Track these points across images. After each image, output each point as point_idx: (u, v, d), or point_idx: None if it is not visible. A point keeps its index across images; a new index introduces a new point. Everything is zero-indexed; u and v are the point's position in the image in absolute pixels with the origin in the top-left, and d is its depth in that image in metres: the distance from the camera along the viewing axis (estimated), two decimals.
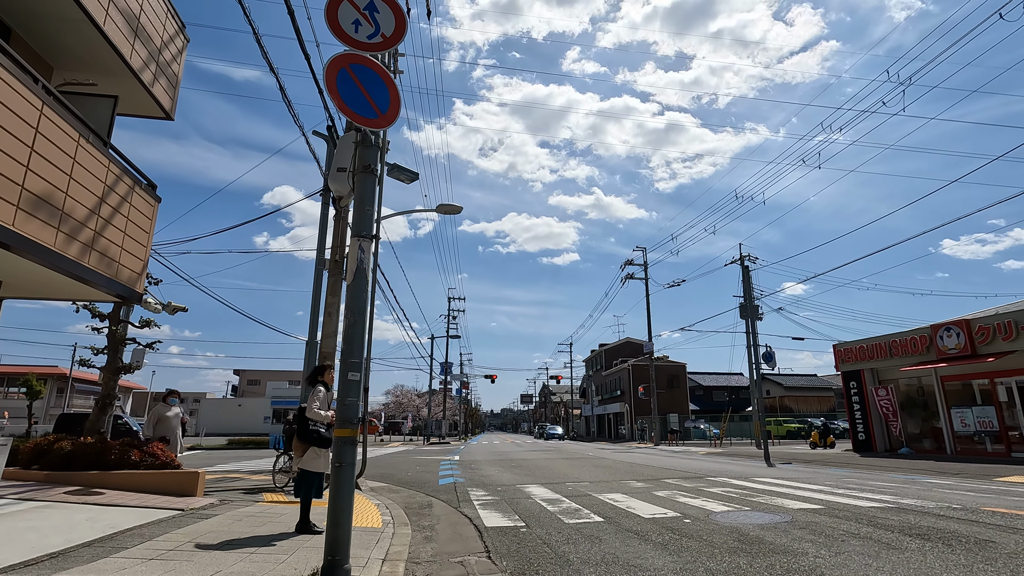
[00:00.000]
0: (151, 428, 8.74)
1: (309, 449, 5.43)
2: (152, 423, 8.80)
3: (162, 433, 8.73)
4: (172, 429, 8.88)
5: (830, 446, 23.26)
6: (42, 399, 37.34)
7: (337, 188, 4.53)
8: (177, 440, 8.96)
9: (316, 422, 5.41)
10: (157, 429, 8.75)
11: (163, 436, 8.70)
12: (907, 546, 4.76)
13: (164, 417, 8.88)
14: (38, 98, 5.87)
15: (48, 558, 4.18)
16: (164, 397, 9.22)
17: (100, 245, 7.03)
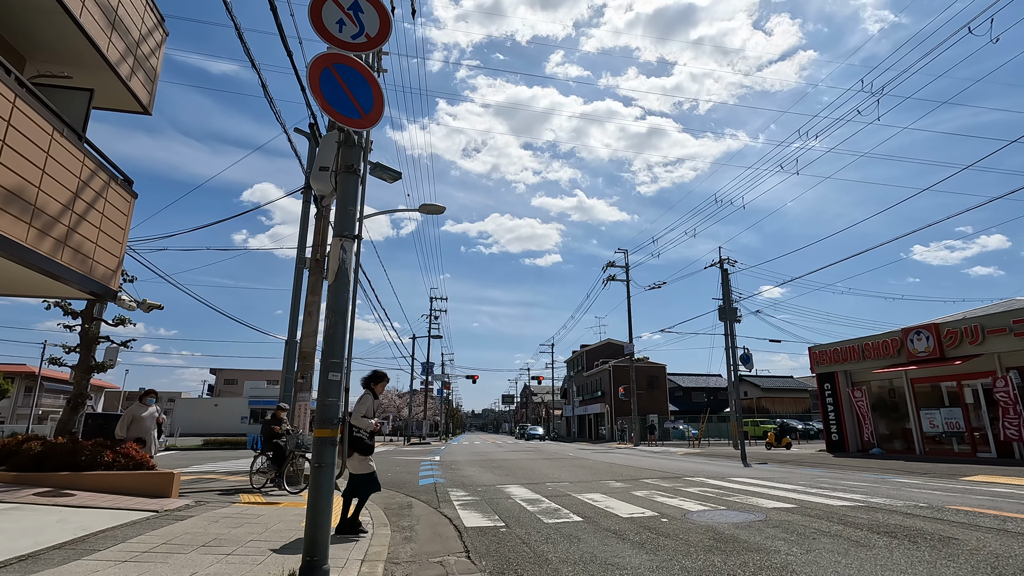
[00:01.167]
0: (125, 428, 8.54)
1: (355, 454, 5.59)
2: (126, 423, 8.60)
3: (136, 434, 8.56)
4: (147, 430, 8.72)
5: (786, 447, 23.69)
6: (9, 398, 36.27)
7: (319, 187, 4.51)
8: (152, 441, 8.79)
9: (360, 429, 5.62)
10: (131, 429, 8.57)
11: (138, 436, 8.53)
12: (875, 543, 4.91)
13: (139, 417, 8.71)
14: (10, 90, 5.73)
15: (16, 561, 4.09)
16: (140, 397, 9.03)
17: (74, 241, 6.88)
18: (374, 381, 5.92)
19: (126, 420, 8.67)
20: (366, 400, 5.77)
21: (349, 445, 5.57)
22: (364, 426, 5.63)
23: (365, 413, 5.68)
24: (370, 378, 5.95)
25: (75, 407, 10.38)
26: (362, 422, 5.62)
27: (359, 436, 5.61)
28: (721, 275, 22.78)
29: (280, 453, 8.92)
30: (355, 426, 5.62)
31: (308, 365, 10.38)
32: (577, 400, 63.06)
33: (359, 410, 5.69)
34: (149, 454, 8.44)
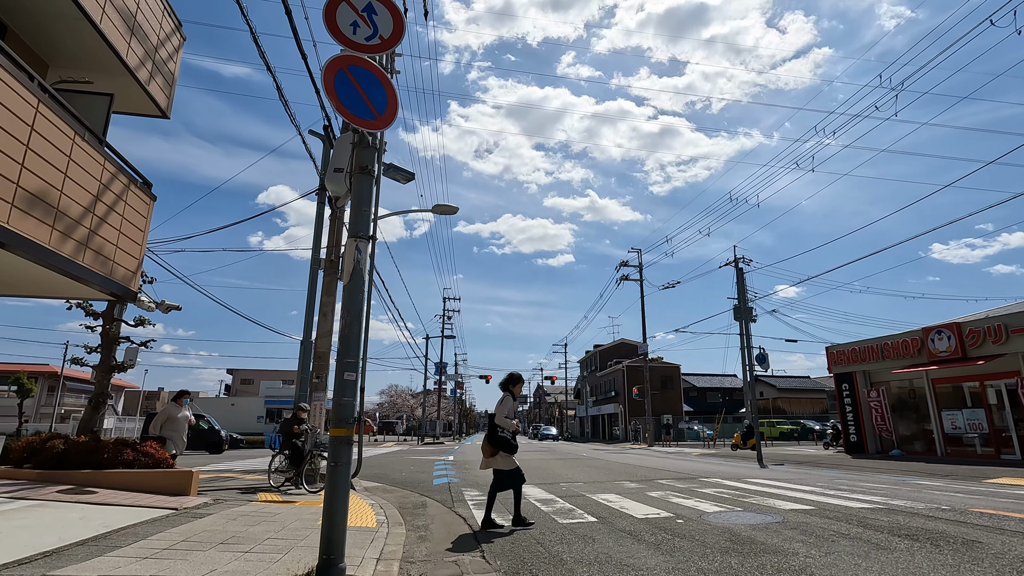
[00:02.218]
0: (159, 427, 8.75)
1: (499, 453, 5.93)
2: (160, 422, 8.79)
3: (170, 433, 8.73)
4: (180, 429, 8.90)
5: (752, 448, 23.39)
6: (33, 397, 37.06)
7: (334, 189, 4.54)
8: (183, 441, 8.95)
9: (504, 429, 5.96)
10: (165, 428, 8.76)
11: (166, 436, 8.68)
12: (896, 546, 4.82)
13: (173, 417, 8.88)
14: (34, 95, 5.86)
15: (41, 557, 4.17)
16: (175, 397, 9.20)
17: (95, 243, 7.01)
18: (511, 383, 6.23)
19: (160, 419, 8.86)
20: (507, 401, 6.09)
21: (494, 444, 5.94)
22: (507, 426, 5.97)
23: (507, 414, 5.99)
24: (508, 381, 6.25)
25: (96, 406, 10.58)
26: (505, 423, 5.95)
27: (503, 436, 5.95)
28: (736, 274, 22.57)
29: (299, 452, 9.00)
30: (499, 426, 5.96)
31: (323, 365, 10.46)
32: (590, 400, 62.87)
33: (501, 411, 6.01)
34: (181, 453, 8.67)
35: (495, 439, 5.95)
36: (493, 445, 5.96)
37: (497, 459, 5.97)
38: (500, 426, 5.97)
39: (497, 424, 5.97)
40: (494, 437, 5.96)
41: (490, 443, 5.98)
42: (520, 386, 6.29)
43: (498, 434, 5.95)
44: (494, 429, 5.99)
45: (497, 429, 5.97)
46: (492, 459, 6.00)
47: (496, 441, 5.94)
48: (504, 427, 5.97)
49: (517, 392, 6.21)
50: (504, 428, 5.98)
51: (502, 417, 5.98)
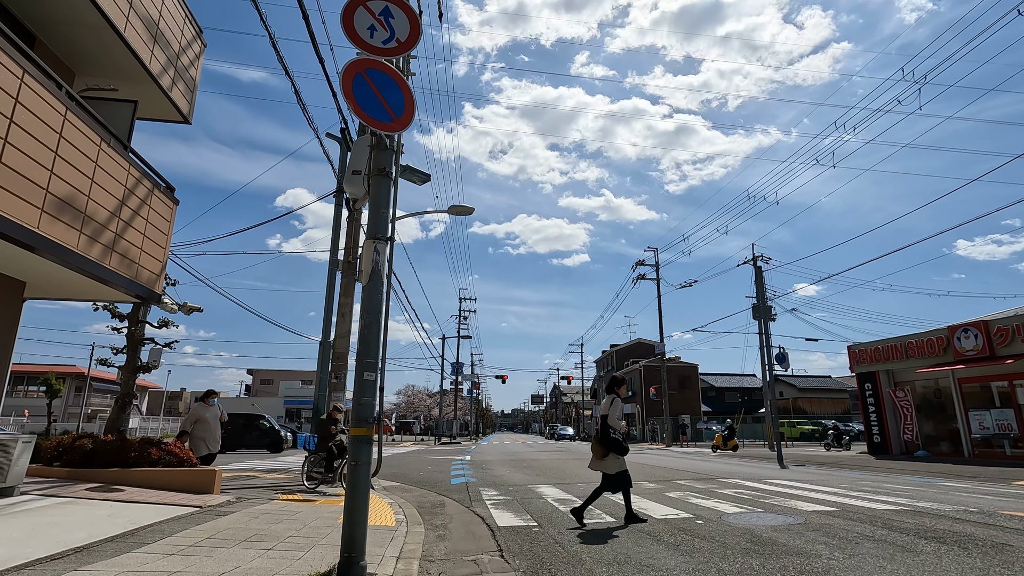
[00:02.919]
0: (190, 427, 8.86)
1: (610, 454, 6.06)
2: (191, 422, 8.90)
3: (201, 432, 8.84)
4: (211, 428, 9.00)
5: (732, 449, 23.07)
6: (61, 398, 38.01)
7: (352, 191, 4.60)
8: (216, 440, 9.05)
9: (615, 430, 6.08)
10: (196, 428, 8.86)
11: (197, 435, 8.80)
12: (923, 549, 4.73)
13: (203, 417, 8.97)
14: (61, 103, 6.02)
15: (73, 552, 4.29)
16: (203, 396, 9.30)
17: (120, 247, 7.18)
18: (616, 385, 6.41)
19: (191, 419, 8.95)
20: (617, 403, 6.21)
21: (606, 445, 6.06)
22: (619, 428, 6.09)
23: (619, 416, 6.12)
24: (612, 383, 6.43)
25: (123, 406, 10.81)
26: (618, 424, 6.08)
27: (616, 438, 6.06)
28: (755, 273, 22.30)
29: (334, 453, 9.09)
30: (611, 427, 6.08)
31: (342, 365, 10.57)
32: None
33: (614, 413, 6.13)
34: (215, 451, 8.82)
35: (608, 440, 6.06)
36: (605, 446, 6.07)
37: (608, 460, 6.09)
38: (612, 427, 6.07)
39: (610, 425, 6.08)
40: (607, 439, 6.07)
41: (602, 444, 6.10)
42: (624, 387, 6.43)
43: (611, 436, 6.06)
44: (607, 430, 6.08)
45: (610, 431, 6.07)
46: (603, 461, 6.11)
47: (609, 443, 6.06)
48: (616, 428, 6.08)
49: (622, 393, 6.36)
50: (616, 430, 6.09)
51: (615, 419, 6.09)
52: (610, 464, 6.08)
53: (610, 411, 6.14)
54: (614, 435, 6.07)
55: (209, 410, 9.11)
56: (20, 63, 5.41)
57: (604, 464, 6.12)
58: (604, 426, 6.13)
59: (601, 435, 6.13)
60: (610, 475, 6.12)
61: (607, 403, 6.22)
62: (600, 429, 6.18)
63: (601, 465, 6.15)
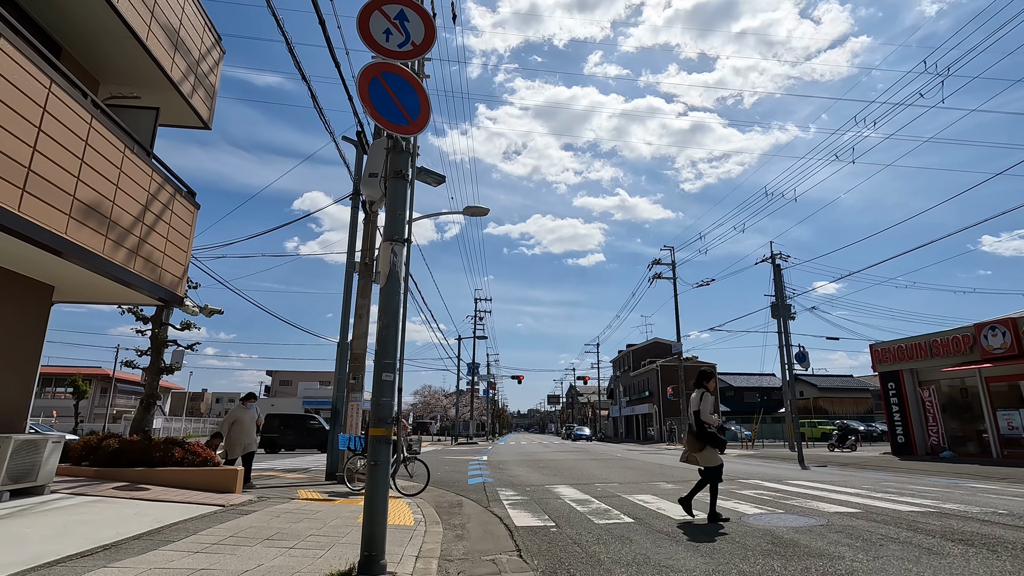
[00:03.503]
0: (227, 429, 9.00)
1: (706, 448, 6.17)
2: (228, 424, 9.03)
3: (238, 434, 8.97)
4: (248, 431, 9.11)
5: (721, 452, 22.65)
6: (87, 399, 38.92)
7: (369, 193, 4.65)
8: (252, 441, 9.15)
9: (709, 424, 6.18)
10: (233, 430, 8.99)
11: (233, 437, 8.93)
12: (950, 552, 4.63)
13: (240, 419, 9.09)
14: (87, 112, 6.17)
15: (102, 549, 4.39)
16: (243, 399, 9.43)
17: (144, 251, 7.33)
18: (705, 380, 6.50)
19: (228, 421, 9.09)
20: (708, 397, 6.25)
21: (702, 439, 6.16)
22: (712, 422, 6.18)
23: (711, 410, 6.23)
24: (701, 377, 6.50)
25: (147, 407, 11.04)
26: (711, 418, 6.17)
27: (712, 431, 6.17)
28: (773, 271, 22.01)
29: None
30: (705, 422, 6.16)
31: (359, 367, 10.66)
32: (624, 400, 62.24)
33: (706, 407, 6.18)
34: (253, 451, 8.96)
35: (704, 434, 6.16)
36: (701, 440, 6.17)
37: (705, 454, 6.19)
38: (706, 422, 6.16)
39: (703, 421, 6.16)
40: (703, 432, 6.16)
41: (697, 438, 6.19)
42: (713, 381, 6.48)
43: (706, 429, 6.16)
44: (701, 425, 6.17)
45: (704, 425, 6.16)
46: (699, 454, 6.20)
47: (705, 436, 6.16)
48: (710, 423, 6.17)
49: (711, 387, 6.39)
50: (710, 424, 6.18)
51: (707, 413, 6.17)
52: (707, 457, 6.20)
53: (701, 405, 6.21)
54: (709, 429, 6.18)
55: (247, 412, 9.22)
56: (47, 73, 5.56)
57: (701, 457, 6.22)
58: (698, 421, 6.21)
59: (697, 430, 6.21)
60: (708, 468, 6.22)
61: (697, 398, 6.29)
62: (695, 424, 6.25)
63: (697, 459, 6.25)
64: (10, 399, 6.79)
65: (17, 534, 4.73)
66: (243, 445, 9.02)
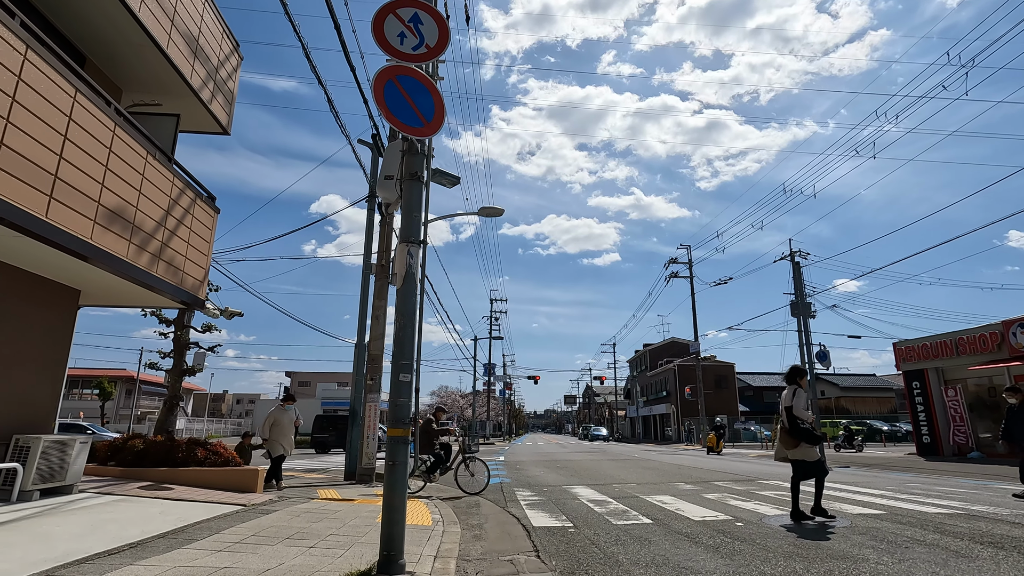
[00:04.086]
0: (267, 430, 9.02)
1: (801, 444, 6.16)
2: (268, 425, 9.06)
3: (277, 436, 9.00)
4: (285, 432, 9.13)
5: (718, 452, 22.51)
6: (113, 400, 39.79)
7: (385, 195, 4.68)
8: (290, 443, 9.18)
9: (803, 420, 6.19)
10: (272, 431, 9.01)
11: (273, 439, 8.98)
12: (979, 554, 4.52)
13: (279, 420, 9.11)
14: (111, 119, 6.31)
15: (128, 548, 4.49)
16: (281, 400, 9.50)
17: (167, 255, 7.48)
18: (798, 376, 6.51)
19: (267, 422, 9.12)
20: (800, 393, 6.29)
21: (797, 435, 6.15)
22: (806, 417, 6.19)
23: (804, 406, 6.27)
24: (794, 374, 6.50)
25: (171, 408, 11.26)
26: (804, 414, 6.19)
27: (806, 427, 6.17)
28: (792, 268, 21.71)
29: (442, 455, 9.28)
30: (799, 418, 6.16)
31: (376, 367, 10.75)
32: (641, 400, 61.82)
33: (799, 403, 6.21)
34: (289, 454, 9.00)
35: (797, 430, 6.14)
36: (795, 436, 6.15)
37: (800, 450, 6.17)
38: (800, 418, 6.16)
39: (796, 416, 6.16)
40: (796, 428, 6.15)
41: (791, 435, 6.17)
42: (805, 379, 6.50)
43: (800, 425, 6.15)
44: (794, 420, 6.16)
45: (797, 421, 6.15)
46: (794, 450, 6.18)
47: (799, 432, 6.14)
48: (804, 418, 6.17)
49: (803, 384, 6.40)
50: (804, 420, 6.17)
51: (800, 409, 6.17)
52: (803, 453, 6.17)
53: (794, 402, 6.21)
54: (803, 425, 6.16)
55: (285, 414, 9.22)
56: (73, 83, 5.70)
57: (796, 453, 6.19)
58: (791, 417, 6.20)
59: (790, 426, 6.19)
60: (804, 464, 6.23)
61: (789, 394, 6.29)
62: (787, 420, 6.23)
63: (791, 455, 6.22)
64: (39, 401, 6.98)
65: (47, 532, 4.85)
66: (282, 446, 9.02)
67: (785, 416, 6.29)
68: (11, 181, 4.92)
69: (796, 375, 6.44)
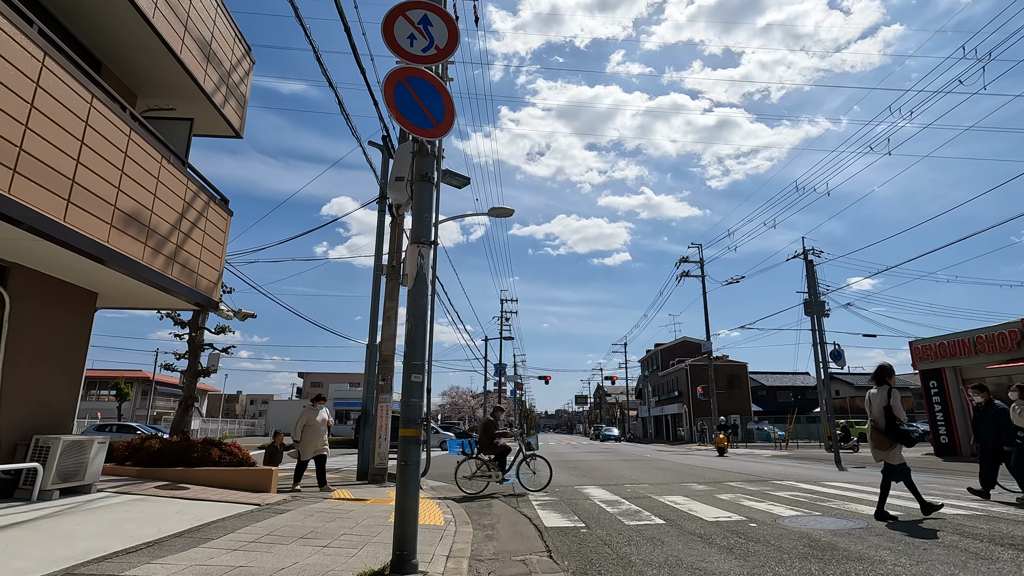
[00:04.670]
0: (299, 432, 8.90)
1: (896, 445, 6.18)
2: (300, 427, 8.94)
3: (309, 437, 8.88)
4: (319, 433, 9.01)
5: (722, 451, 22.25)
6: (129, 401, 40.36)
7: (396, 197, 4.71)
8: (324, 443, 9.07)
9: (902, 421, 6.19)
10: (305, 433, 8.91)
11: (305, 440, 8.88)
12: (999, 556, 4.45)
13: (312, 422, 8.99)
14: (126, 124, 6.40)
15: (145, 546, 4.55)
16: (312, 401, 9.38)
17: (181, 257, 7.57)
18: (887, 375, 6.42)
19: (299, 424, 8.99)
20: (895, 393, 6.24)
21: (895, 436, 6.14)
22: (902, 417, 6.17)
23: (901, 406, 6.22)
24: (883, 373, 6.44)
25: (186, 408, 11.40)
26: (901, 414, 6.16)
27: (905, 429, 6.21)
28: (806, 267, 21.48)
29: (504, 453, 9.32)
30: (898, 419, 6.14)
31: (388, 368, 10.80)
32: (653, 400, 61.52)
33: (895, 403, 6.17)
34: (325, 454, 8.93)
35: (896, 432, 6.12)
36: (893, 437, 6.13)
37: (895, 451, 6.15)
38: (899, 419, 6.13)
39: (897, 417, 6.13)
40: (895, 430, 6.12)
41: (889, 435, 6.14)
42: (894, 377, 6.43)
43: (899, 427, 6.13)
44: (893, 421, 6.13)
45: (896, 421, 6.13)
46: (890, 451, 6.16)
47: (897, 433, 6.13)
48: (903, 419, 6.16)
49: (893, 383, 6.35)
50: (902, 420, 6.15)
51: (899, 409, 6.13)
52: (894, 455, 6.14)
53: (891, 402, 6.14)
54: (902, 426, 6.13)
55: (316, 414, 9.11)
56: (89, 89, 5.79)
57: (890, 455, 6.15)
58: (890, 417, 6.14)
59: (888, 427, 6.15)
60: (893, 466, 6.20)
61: (884, 394, 6.22)
62: (885, 421, 6.17)
63: (887, 456, 6.18)
64: (58, 402, 7.09)
65: (67, 531, 4.93)
66: (315, 447, 8.93)
67: (883, 417, 6.19)
68: (30, 186, 5.01)
69: (885, 374, 6.32)
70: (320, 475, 8.90)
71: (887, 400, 6.14)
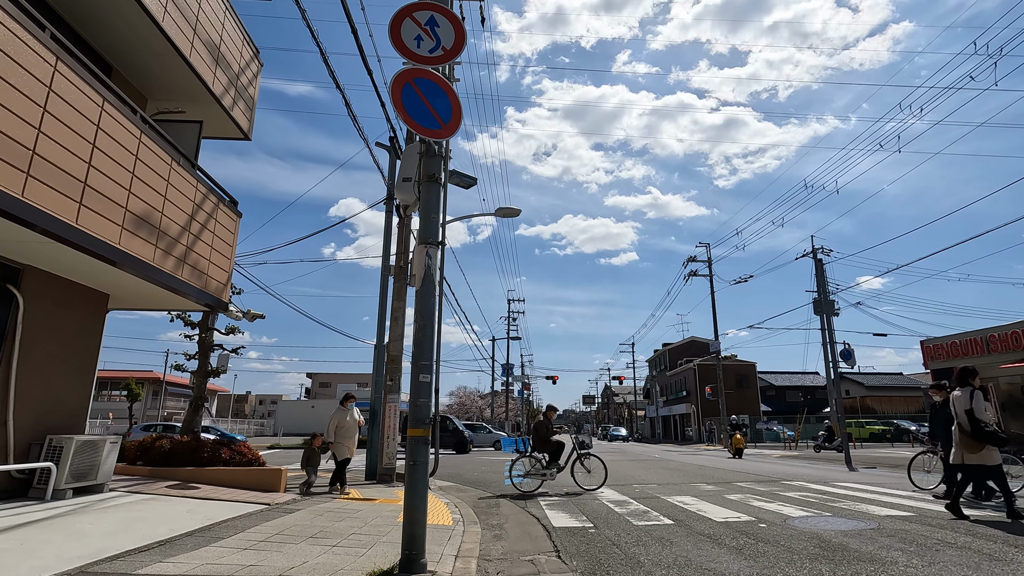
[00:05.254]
0: (332, 433, 8.82)
1: (986, 447, 6.11)
2: (333, 427, 8.85)
3: (342, 437, 8.80)
4: (351, 433, 8.93)
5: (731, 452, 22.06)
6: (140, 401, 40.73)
7: (403, 197, 4.72)
8: (355, 443, 9.00)
9: (986, 423, 6.16)
10: (338, 434, 8.82)
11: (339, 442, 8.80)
12: (1014, 558, 4.40)
13: (343, 422, 8.90)
14: (137, 127, 6.47)
15: (157, 545, 4.60)
16: (342, 401, 9.24)
17: (191, 259, 7.63)
18: (970, 376, 6.41)
19: (332, 425, 8.88)
20: (979, 395, 6.23)
21: (983, 438, 6.09)
22: (987, 419, 6.14)
23: (984, 407, 6.20)
24: (965, 374, 6.44)
25: (196, 409, 11.48)
26: (985, 416, 6.13)
27: (991, 430, 6.11)
28: (815, 266, 21.32)
29: (558, 451, 9.35)
30: (981, 421, 6.11)
31: (396, 368, 10.84)
32: (660, 400, 61.31)
33: (979, 406, 6.17)
34: (351, 456, 8.85)
35: (983, 433, 6.07)
36: (981, 439, 6.08)
37: (984, 453, 6.09)
38: (983, 421, 6.11)
39: (979, 419, 6.11)
40: (981, 432, 6.08)
41: (976, 438, 6.10)
42: (978, 378, 6.40)
43: (984, 429, 6.08)
44: (977, 424, 6.10)
45: (981, 424, 6.09)
46: (981, 453, 6.10)
47: (985, 435, 6.06)
48: (986, 421, 6.12)
49: (976, 384, 6.31)
50: (987, 422, 6.12)
51: (982, 411, 6.12)
52: (986, 456, 6.09)
53: (974, 404, 6.13)
54: (988, 427, 6.08)
55: (347, 414, 9.01)
56: (100, 92, 5.86)
57: (978, 457, 6.10)
58: (974, 420, 6.11)
59: (973, 430, 6.11)
60: (982, 468, 6.18)
61: (967, 396, 6.21)
62: (969, 424, 6.14)
63: (975, 459, 6.13)
64: (71, 402, 7.18)
65: (80, 530, 4.99)
66: (347, 447, 8.86)
67: (966, 420, 6.16)
68: (43, 189, 5.07)
69: (968, 376, 6.30)
70: (340, 475, 8.87)
71: (969, 403, 6.11)
